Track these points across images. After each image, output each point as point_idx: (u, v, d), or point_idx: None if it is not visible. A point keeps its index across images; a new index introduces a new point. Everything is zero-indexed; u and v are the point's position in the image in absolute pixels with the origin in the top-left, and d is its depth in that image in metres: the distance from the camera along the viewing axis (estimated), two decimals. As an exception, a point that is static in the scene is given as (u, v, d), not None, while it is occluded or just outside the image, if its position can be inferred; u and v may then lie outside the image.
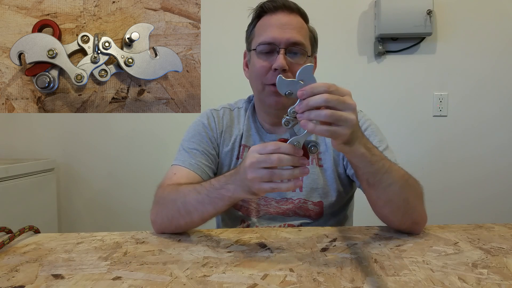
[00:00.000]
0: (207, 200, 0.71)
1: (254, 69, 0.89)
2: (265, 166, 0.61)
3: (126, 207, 1.93)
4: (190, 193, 0.74)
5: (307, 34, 0.90)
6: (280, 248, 0.67)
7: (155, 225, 0.78)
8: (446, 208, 1.81)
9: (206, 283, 0.53)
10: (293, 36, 0.85)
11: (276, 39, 0.84)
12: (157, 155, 1.91)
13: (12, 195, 1.59)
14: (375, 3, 1.84)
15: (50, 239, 0.75)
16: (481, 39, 1.84)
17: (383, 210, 0.74)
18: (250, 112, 0.98)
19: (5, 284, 0.53)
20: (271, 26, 0.86)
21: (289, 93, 0.59)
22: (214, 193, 0.70)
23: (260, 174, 0.61)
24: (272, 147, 0.61)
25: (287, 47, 0.84)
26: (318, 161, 0.93)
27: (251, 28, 0.93)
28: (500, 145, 1.86)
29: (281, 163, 0.60)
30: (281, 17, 0.87)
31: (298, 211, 0.91)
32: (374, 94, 1.86)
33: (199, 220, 0.74)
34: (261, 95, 0.90)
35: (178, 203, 0.74)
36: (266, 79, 0.86)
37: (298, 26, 0.87)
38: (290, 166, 0.61)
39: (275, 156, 0.60)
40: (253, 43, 0.90)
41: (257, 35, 0.89)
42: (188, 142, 0.93)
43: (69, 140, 1.95)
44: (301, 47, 0.86)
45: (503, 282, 0.52)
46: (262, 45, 0.86)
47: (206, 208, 0.72)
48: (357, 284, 0.52)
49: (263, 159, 0.61)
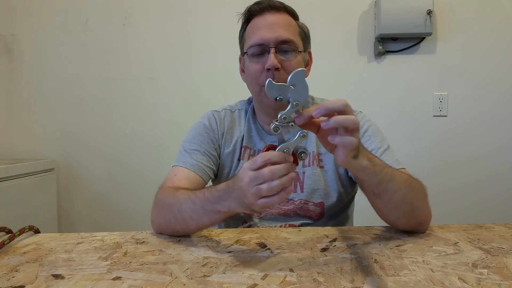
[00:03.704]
0: (201, 211, 0.70)
1: (249, 73, 0.89)
2: (259, 183, 0.58)
3: (126, 207, 1.93)
4: (185, 202, 0.73)
5: (297, 30, 0.90)
6: (280, 248, 0.67)
7: (154, 225, 0.79)
8: (446, 208, 1.80)
9: (206, 283, 0.53)
10: (281, 34, 0.85)
11: (265, 39, 0.85)
12: (157, 155, 1.91)
13: (12, 195, 1.59)
14: (375, 3, 1.84)
15: (50, 239, 0.75)
16: (481, 39, 1.84)
17: (389, 217, 0.74)
18: (250, 114, 0.98)
19: (5, 284, 0.53)
20: (259, 28, 0.87)
21: (279, 99, 0.57)
22: (209, 206, 0.68)
23: (258, 189, 0.58)
24: (261, 159, 0.58)
25: (277, 45, 0.85)
26: (319, 162, 0.93)
27: (242, 32, 0.94)
28: (500, 145, 1.86)
29: (273, 176, 0.57)
30: (268, 18, 0.87)
31: (299, 211, 0.91)
32: (374, 94, 1.86)
33: (195, 228, 0.74)
34: (259, 97, 0.90)
35: (174, 209, 0.74)
36: (261, 80, 0.86)
37: (286, 24, 0.87)
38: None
39: (266, 170, 0.57)
40: (244, 47, 0.91)
41: (247, 38, 0.90)
42: (189, 143, 0.93)
43: (69, 140, 1.95)
44: (291, 44, 0.86)
45: (503, 282, 0.52)
46: (252, 48, 0.87)
47: (201, 219, 0.71)
48: (357, 284, 0.52)
49: (255, 176, 0.58)
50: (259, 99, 0.92)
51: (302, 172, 0.92)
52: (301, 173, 0.92)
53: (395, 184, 0.68)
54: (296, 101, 0.57)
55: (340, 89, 1.84)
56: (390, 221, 0.76)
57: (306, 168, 0.92)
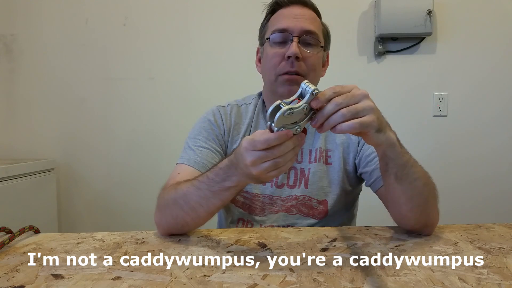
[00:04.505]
0: (209, 194, 0.69)
1: (268, 58, 0.88)
2: (267, 159, 0.57)
3: (126, 207, 1.93)
4: (190, 191, 0.71)
5: (320, 27, 0.91)
6: (280, 248, 0.67)
7: (160, 227, 0.76)
8: (446, 208, 1.79)
9: (206, 283, 0.53)
10: (307, 25, 0.85)
11: (289, 27, 0.85)
12: (157, 155, 1.91)
13: (12, 195, 1.59)
14: (375, 3, 1.84)
15: (50, 239, 0.75)
16: (481, 39, 1.85)
17: (403, 207, 0.72)
18: (260, 108, 0.96)
19: (5, 284, 0.53)
20: (284, 17, 0.87)
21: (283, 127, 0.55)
22: (217, 186, 0.67)
23: (264, 167, 0.58)
24: (261, 145, 0.56)
25: (301, 35, 0.85)
26: (327, 159, 0.92)
27: (265, 22, 0.94)
28: (500, 145, 1.86)
29: (274, 156, 0.56)
30: (295, 9, 0.88)
31: (302, 208, 0.90)
32: (374, 94, 1.82)
33: (206, 214, 0.72)
34: (273, 86, 0.89)
35: (180, 202, 0.72)
36: (279, 69, 0.86)
37: (312, 18, 0.88)
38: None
39: (269, 153, 0.56)
40: (266, 34, 0.90)
41: (271, 26, 0.90)
42: (194, 139, 0.91)
43: (69, 140, 1.95)
44: (314, 36, 0.86)
45: (503, 282, 0.52)
46: (275, 33, 0.87)
47: (211, 202, 0.70)
48: (357, 284, 0.52)
49: (263, 155, 0.57)
50: (272, 88, 0.90)
51: (307, 168, 0.91)
52: (307, 169, 0.91)
53: (416, 172, 0.68)
54: (315, 90, 0.55)
55: (340, 89, 1.83)
56: (402, 214, 0.73)
57: (312, 164, 0.91)
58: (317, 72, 0.89)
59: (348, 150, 0.92)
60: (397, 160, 0.65)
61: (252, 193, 0.91)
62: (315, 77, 0.89)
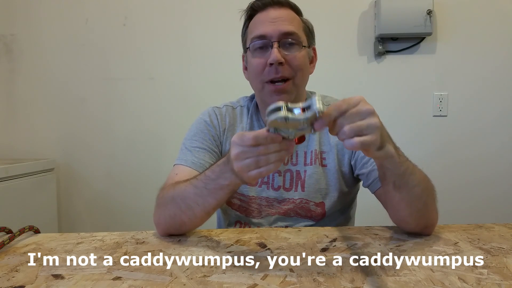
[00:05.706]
0: (205, 192, 0.69)
1: (252, 68, 0.88)
2: (250, 156, 0.58)
3: (126, 207, 1.93)
4: (187, 188, 0.72)
5: (300, 25, 0.89)
6: (280, 248, 0.67)
7: (159, 227, 0.77)
8: (446, 208, 1.79)
9: (206, 283, 0.53)
10: (285, 27, 0.84)
11: (267, 32, 0.84)
12: (157, 155, 1.91)
13: (12, 195, 1.59)
14: (375, 3, 1.84)
15: (50, 239, 0.75)
16: (481, 39, 1.85)
17: (402, 212, 0.72)
18: (253, 111, 0.97)
19: (5, 284, 0.53)
20: (261, 22, 0.86)
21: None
22: (212, 184, 0.68)
23: (245, 163, 0.59)
24: (249, 142, 0.58)
25: (280, 39, 0.84)
26: (322, 161, 0.92)
27: (244, 29, 0.93)
28: (500, 145, 1.86)
29: (267, 152, 0.57)
30: (271, 13, 0.86)
31: (300, 211, 0.90)
32: (374, 94, 1.86)
33: (202, 214, 0.72)
34: (261, 95, 0.89)
35: (178, 200, 0.73)
36: (264, 76, 0.85)
37: (289, 18, 0.86)
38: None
39: (254, 149, 0.57)
40: (247, 43, 0.90)
41: (250, 33, 0.89)
42: (190, 140, 0.91)
43: (69, 140, 1.95)
44: (294, 37, 0.85)
45: (503, 282, 0.52)
46: (254, 41, 0.86)
47: (206, 200, 0.70)
48: (357, 284, 0.52)
49: (247, 150, 0.58)
50: (261, 97, 0.91)
51: (303, 171, 0.91)
52: (303, 172, 0.91)
53: (415, 179, 0.67)
54: (320, 112, 0.52)
55: (340, 89, 1.83)
56: (401, 218, 0.74)
57: (308, 167, 0.91)
58: (304, 71, 0.88)
59: (343, 151, 0.91)
60: (395, 170, 0.65)
61: (248, 196, 0.91)
62: (303, 76, 0.88)
